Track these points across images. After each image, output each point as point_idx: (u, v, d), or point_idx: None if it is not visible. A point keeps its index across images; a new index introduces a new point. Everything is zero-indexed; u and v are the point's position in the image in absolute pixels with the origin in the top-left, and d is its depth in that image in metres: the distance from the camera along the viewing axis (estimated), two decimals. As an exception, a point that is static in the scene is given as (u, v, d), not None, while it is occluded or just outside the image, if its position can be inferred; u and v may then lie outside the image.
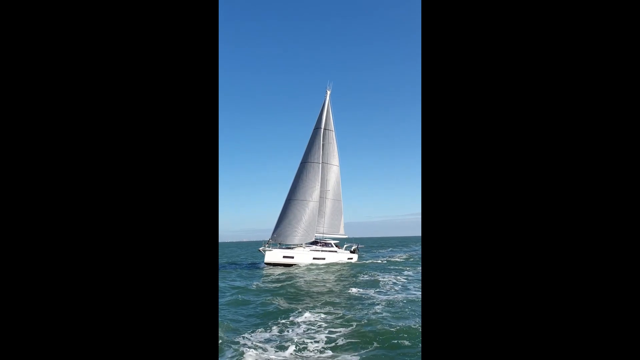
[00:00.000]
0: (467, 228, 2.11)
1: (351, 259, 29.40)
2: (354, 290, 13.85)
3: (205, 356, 2.14)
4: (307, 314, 9.43)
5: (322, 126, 30.00)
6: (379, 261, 29.39)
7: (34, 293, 2.02)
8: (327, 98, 30.90)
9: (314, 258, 27.12)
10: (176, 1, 2.24)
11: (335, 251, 28.70)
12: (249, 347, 6.80)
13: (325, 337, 7.48)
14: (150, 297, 2.12)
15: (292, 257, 26.42)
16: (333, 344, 7.01)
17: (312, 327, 8.27)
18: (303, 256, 26.83)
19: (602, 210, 1.98)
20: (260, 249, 26.32)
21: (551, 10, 2.10)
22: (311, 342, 7.16)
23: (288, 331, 8.05)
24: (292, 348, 6.81)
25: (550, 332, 1.96)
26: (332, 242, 29.60)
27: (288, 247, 26.98)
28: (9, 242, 2.02)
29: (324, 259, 27.48)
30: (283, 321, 8.85)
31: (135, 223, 2.14)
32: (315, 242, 28.46)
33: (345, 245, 30.76)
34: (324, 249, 28.22)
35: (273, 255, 26.02)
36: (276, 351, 6.73)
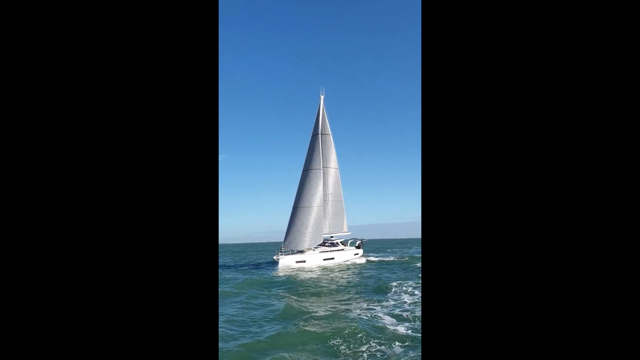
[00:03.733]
0: (467, 229, 2.12)
1: (357, 253, 31.57)
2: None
3: (205, 356, 2.14)
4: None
5: (319, 132, 31.25)
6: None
7: (34, 294, 2.04)
8: (321, 103, 32.04)
9: (324, 259, 29.13)
10: (177, 6, 2.27)
11: (342, 249, 30.74)
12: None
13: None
14: (150, 298, 2.14)
15: (304, 261, 28.34)
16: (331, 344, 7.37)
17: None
18: (314, 258, 28.78)
19: (601, 213, 1.99)
20: (274, 257, 28.14)
21: (551, 11, 2.09)
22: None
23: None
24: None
25: (550, 332, 1.97)
26: (338, 240, 31.59)
27: (300, 252, 28.82)
28: (9, 243, 2.03)
29: (333, 258, 29.54)
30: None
31: (135, 224, 2.17)
32: (323, 243, 30.38)
33: (349, 241, 32.83)
34: (332, 249, 30.23)
35: (286, 261, 27.88)
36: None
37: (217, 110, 2.33)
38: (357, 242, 33.20)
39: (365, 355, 6.70)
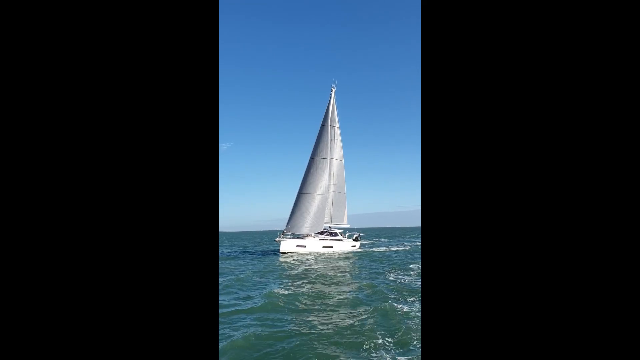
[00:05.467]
0: (468, 225, 2.11)
1: (354, 246, 32.07)
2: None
3: (205, 356, 2.13)
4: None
5: (329, 123, 31.91)
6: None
7: (32, 290, 2.03)
8: (332, 96, 32.76)
9: (323, 247, 29.56)
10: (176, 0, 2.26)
11: (341, 240, 31.23)
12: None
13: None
14: (150, 296, 2.12)
15: (305, 246, 28.71)
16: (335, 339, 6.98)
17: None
18: (314, 245, 29.17)
19: (602, 206, 1.98)
20: (276, 239, 28.50)
21: (551, 10, 2.11)
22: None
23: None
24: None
25: (550, 331, 1.96)
26: (338, 231, 32.11)
27: (300, 237, 29.20)
28: (9, 242, 2.03)
29: (331, 247, 29.98)
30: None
31: (134, 220, 2.16)
32: (323, 232, 30.85)
33: (347, 234, 33.36)
34: (332, 238, 30.70)
35: (287, 245, 28.23)
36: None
37: (217, 100, 2.33)
38: (355, 236, 33.73)
39: (365, 347, 6.55)
